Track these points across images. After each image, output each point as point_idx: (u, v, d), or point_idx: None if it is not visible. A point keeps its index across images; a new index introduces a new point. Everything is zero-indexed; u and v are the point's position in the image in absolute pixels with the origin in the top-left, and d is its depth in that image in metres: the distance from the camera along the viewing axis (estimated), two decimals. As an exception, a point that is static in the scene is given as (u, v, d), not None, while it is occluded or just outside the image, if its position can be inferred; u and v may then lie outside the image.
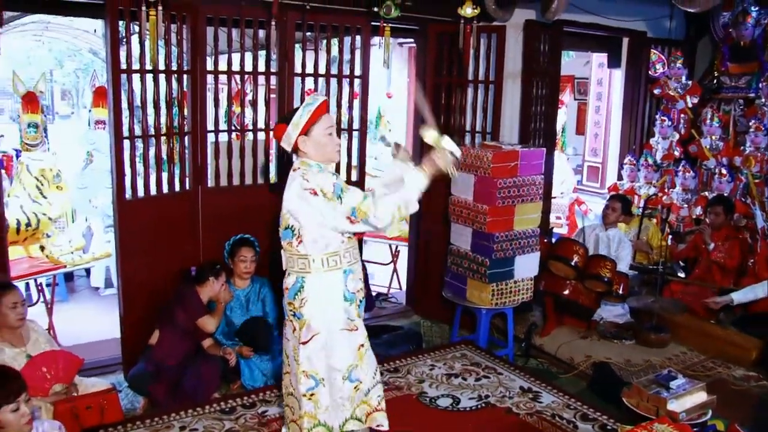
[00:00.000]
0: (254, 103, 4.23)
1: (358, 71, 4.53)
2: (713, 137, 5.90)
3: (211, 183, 4.15)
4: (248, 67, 4.18)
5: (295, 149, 2.54)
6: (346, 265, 2.54)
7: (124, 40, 3.71)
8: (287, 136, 2.53)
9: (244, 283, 4.03)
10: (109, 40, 3.58)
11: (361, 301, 2.62)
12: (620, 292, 4.46)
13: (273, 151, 4.38)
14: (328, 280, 2.50)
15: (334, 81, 4.46)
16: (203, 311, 3.73)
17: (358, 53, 4.49)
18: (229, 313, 3.96)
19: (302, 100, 4.45)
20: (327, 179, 2.44)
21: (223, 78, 4.25)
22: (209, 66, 4.04)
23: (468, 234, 4.14)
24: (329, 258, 2.49)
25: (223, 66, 4.17)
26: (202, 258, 4.08)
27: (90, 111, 5.84)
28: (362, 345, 2.60)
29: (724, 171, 5.66)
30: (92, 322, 4.87)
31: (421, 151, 5.04)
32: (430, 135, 2.50)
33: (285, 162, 4.31)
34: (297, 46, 4.47)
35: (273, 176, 4.49)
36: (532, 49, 5.09)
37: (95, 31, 8.10)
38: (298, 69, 4.34)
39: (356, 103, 4.58)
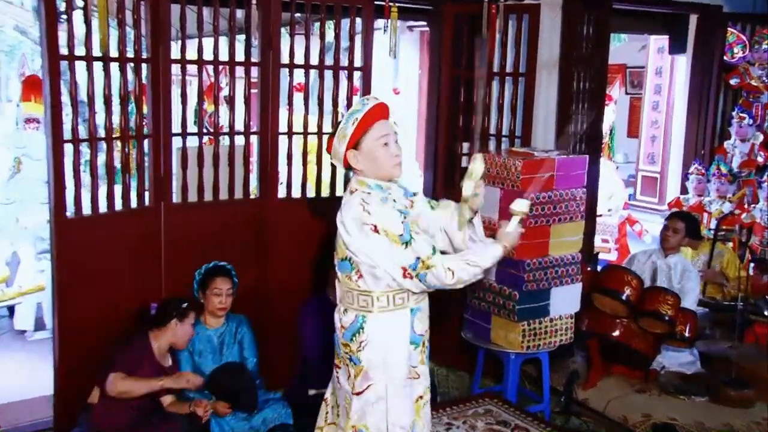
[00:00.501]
0: (230, 101, 4.35)
1: (358, 62, 4.62)
2: (811, 137, 6.00)
3: (176, 198, 4.22)
4: (223, 56, 4.29)
5: (348, 166, 2.65)
6: (414, 303, 2.67)
7: (64, 17, 3.73)
8: (335, 151, 2.64)
9: (218, 322, 4.08)
10: (43, 17, 3.61)
11: (426, 345, 2.77)
12: (686, 334, 4.49)
13: (254, 159, 4.48)
14: (393, 320, 2.64)
15: (329, 74, 4.55)
16: (140, 363, 3.59)
17: (358, 40, 4.60)
18: (198, 358, 4.01)
19: (290, 96, 4.60)
20: (394, 218, 2.53)
21: (192, 69, 4.33)
22: (174, 54, 4.11)
23: (493, 261, 4.23)
24: (395, 296, 2.62)
25: (191, 54, 4.26)
26: (165, 292, 4.10)
27: (18, 106, 5.88)
28: (421, 396, 2.75)
29: (825, 180, 5.72)
30: (15, 376, 4.87)
31: (434, 162, 5.15)
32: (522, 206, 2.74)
33: (269, 173, 4.44)
34: (284, 30, 4.55)
35: (254, 189, 4.59)
36: (573, 33, 5.18)
37: (22, 3, 8.13)
38: (284, 59, 4.41)
39: (356, 100, 4.67)
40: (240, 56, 4.32)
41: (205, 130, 4.37)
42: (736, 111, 6.34)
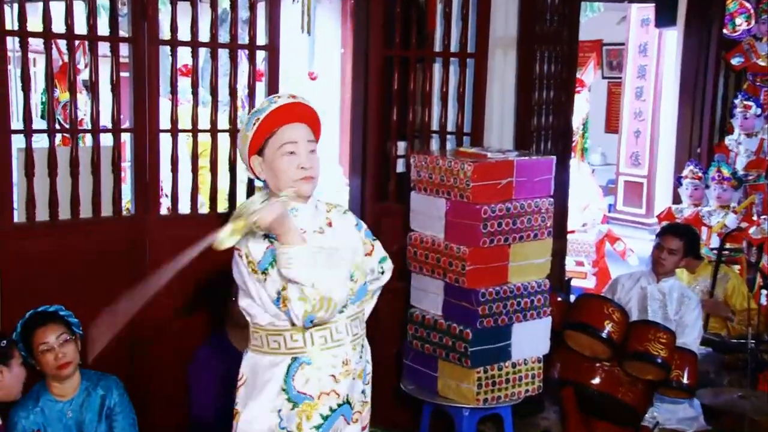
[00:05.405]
0: (92, 87, 4.24)
1: (262, 39, 4.60)
2: (832, 132, 6.21)
3: (19, 217, 4.11)
4: (80, 28, 4.17)
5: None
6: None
7: None
8: (241, 156, 2.78)
9: (70, 388, 3.80)
10: None
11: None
12: (684, 381, 4.55)
13: (127, 165, 4.38)
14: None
15: (224, 54, 4.54)
16: None
17: (261, 10, 4.57)
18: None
19: (173, 82, 4.52)
20: (260, 242, 2.62)
21: (37, 43, 4.24)
22: (10, 24, 4.01)
23: (438, 291, 4.23)
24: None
25: (35, 23, 4.13)
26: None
27: None
28: None
29: None
30: None
31: (363, 166, 5.14)
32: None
33: (147, 182, 4.35)
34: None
35: (127, 203, 4.50)
36: (534, 2, 5.28)
37: None
38: (165, 33, 4.37)
39: (261, 88, 4.64)
40: (104, 29, 4.23)
41: (57, 126, 4.27)
42: (740, 98, 6.46)
